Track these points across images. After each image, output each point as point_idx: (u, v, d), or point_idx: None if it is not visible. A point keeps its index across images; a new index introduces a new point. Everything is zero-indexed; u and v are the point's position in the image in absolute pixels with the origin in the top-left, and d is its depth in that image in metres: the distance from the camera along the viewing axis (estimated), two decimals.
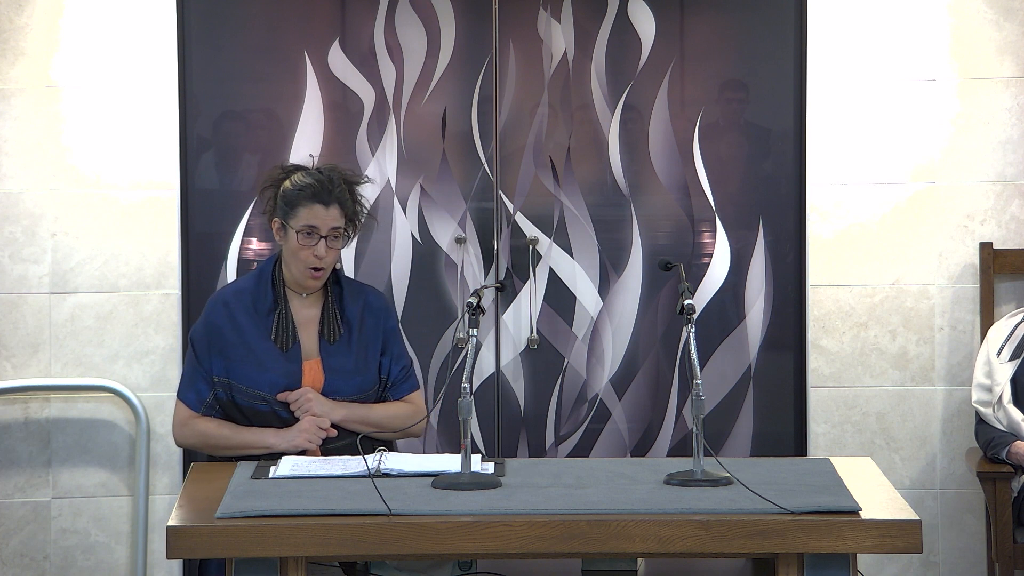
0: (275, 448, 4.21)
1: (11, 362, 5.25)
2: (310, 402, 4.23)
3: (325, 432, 4.22)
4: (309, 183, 4.26)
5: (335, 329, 4.32)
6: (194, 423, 4.28)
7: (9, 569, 5.26)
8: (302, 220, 4.23)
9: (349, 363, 4.30)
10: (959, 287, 5.27)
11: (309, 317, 4.33)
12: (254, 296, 4.31)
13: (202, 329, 4.31)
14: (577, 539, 3.51)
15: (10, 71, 5.20)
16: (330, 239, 4.24)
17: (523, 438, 5.41)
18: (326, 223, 4.24)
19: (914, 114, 5.26)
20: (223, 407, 4.28)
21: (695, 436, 3.77)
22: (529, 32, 5.36)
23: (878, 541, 3.50)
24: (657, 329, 5.41)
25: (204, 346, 4.28)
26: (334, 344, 4.31)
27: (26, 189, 5.23)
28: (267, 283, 4.32)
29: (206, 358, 4.27)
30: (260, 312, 4.29)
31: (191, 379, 4.30)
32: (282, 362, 4.26)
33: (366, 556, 3.65)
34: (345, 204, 4.27)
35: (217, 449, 4.27)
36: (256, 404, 4.25)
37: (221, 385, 4.27)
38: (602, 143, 5.38)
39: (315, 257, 4.24)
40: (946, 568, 5.30)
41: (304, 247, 4.24)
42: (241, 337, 4.27)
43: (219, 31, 5.34)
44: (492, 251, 5.37)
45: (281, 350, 4.27)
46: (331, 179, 4.27)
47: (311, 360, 4.29)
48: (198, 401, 4.28)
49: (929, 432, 5.30)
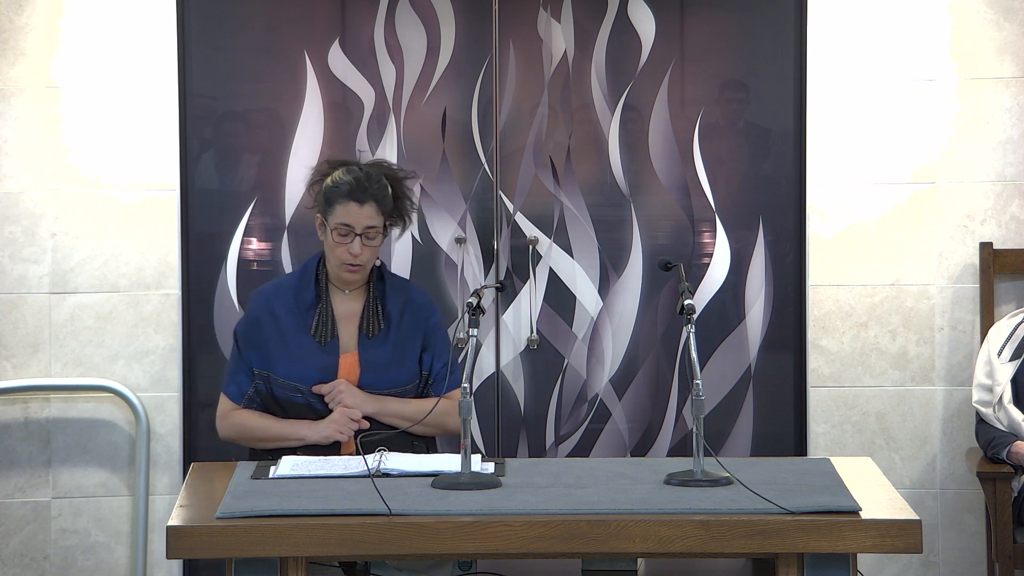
0: (308, 440, 4.26)
1: (11, 362, 5.25)
2: (342, 393, 4.26)
3: (356, 423, 4.24)
4: (346, 180, 4.28)
5: (375, 323, 4.34)
6: (234, 415, 4.35)
7: (9, 569, 5.26)
8: (338, 218, 4.27)
9: (386, 356, 4.32)
10: (959, 287, 5.27)
11: (350, 312, 4.36)
12: (296, 291, 4.36)
13: (244, 323, 4.38)
14: (577, 539, 3.51)
15: (10, 71, 5.20)
16: (365, 237, 4.27)
17: (523, 438, 5.41)
18: (360, 221, 4.26)
19: (914, 114, 5.26)
20: (263, 400, 4.33)
21: (695, 436, 3.77)
22: (529, 32, 5.36)
23: (878, 541, 3.50)
24: (657, 329, 5.41)
25: (245, 340, 4.34)
26: (373, 338, 4.33)
27: (26, 189, 5.23)
28: (310, 278, 4.36)
29: (247, 351, 4.33)
30: (301, 307, 4.34)
31: (233, 372, 4.37)
32: (319, 355, 4.30)
33: (366, 556, 3.65)
34: (382, 202, 4.29)
35: (255, 441, 4.33)
36: (292, 396, 4.29)
37: (260, 378, 4.32)
38: (602, 143, 5.38)
39: (349, 255, 4.27)
40: (946, 568, 5.30)
41: (339, 244, 4.27)
42: (280, 331, 4.32)
43: (219, 31, 5.34)
44: (492, 251, 5.37)
45: (320, 344, 4.30)
46: (369, 176, 4.29)
47: (349, 354, 4.32)
48: (239, 394, 4.34)
49: (929, 432, 5.30)
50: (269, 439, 4.30)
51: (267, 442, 4.30)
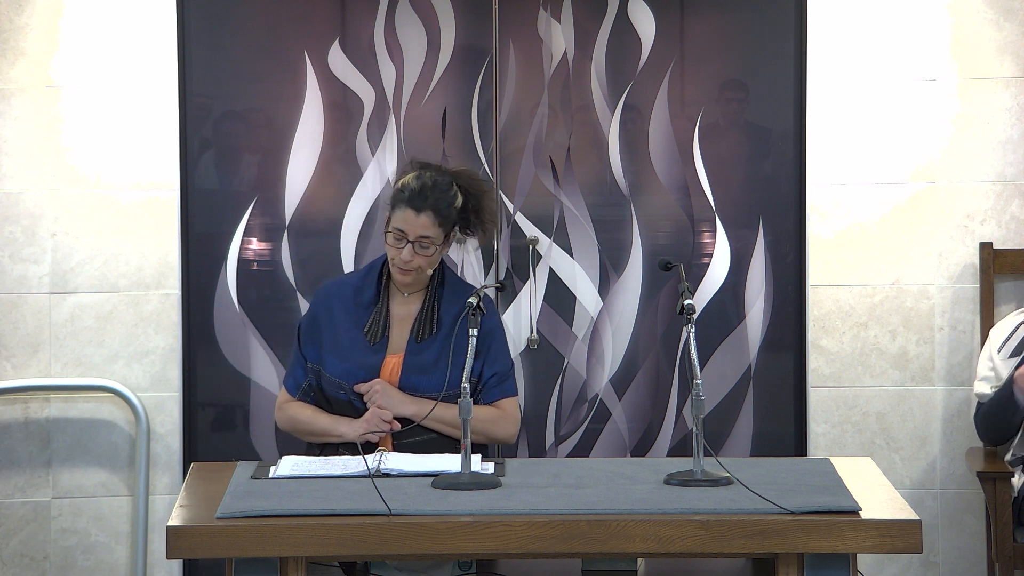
0: (347, 437, 4.30)
1: (11, 362, 5.25)
2: (377, 393, 4.28)
3: (387, 424, 4.25)
4: (411, 187, 4.29)
5: (426, 327, 4.35)
6: (287, 407, 4.41)
7: (9, 569, 5.26)
8: (395, 222, 4.29)
9: (430, 360, 4.32)
10: (959, 287, 5.27)
11: (406, 314, 4.38)
12: (357, 289, 4.39)
13: (306, 318, 4.44)
14: (577, 539, 3.51)
15: (10, 71, 5.20)
16: (418, 246, 4.27)
17: (523, 438, 5.41)
18: (415, 230, 4.27)
19: (914, 114, 5.26)
20: (315, 394, 4.38)
21: (695, 436, 3.77)
22: (529, 32, 5.36)
23: (878, 541, 3.50)
24: (657, 329, 5.41)
25: (305, 334, 4.40)
26: (421, 342, 4.34)
27: (26, 189, 5.23)
28: (373, 277, 4.39)
29: (305, 346, 4.39)
30: (360, 305, 4.37)
31: (292, 365, 4.43)
32: (365, 354, 4.33)
33: (366, 556, 3.65)
34: (442, 212, 4.28)
35: (303, 434, 4.39)
36: (337, 393, 4.33)
37: (313, 372, 4.36)
38: (602, 143, 5.38)
39: (400, 259, 4.28)
40: (946, 568, 5.30)
41: (392, 247, 4.30)
42: (334, 327, 4.35)
43: (219, 31, 5.34)
44: (492, 251, 5.37)
45: (369, 343, 4.32)
46: (436, 185, 4.29)
47: (395, 355, 4.34)
48: (295, 386, 4.40)
49: (929, 432, 5.30)
50: (315, 433, 4.35)
51: (313, 436, 4.36)
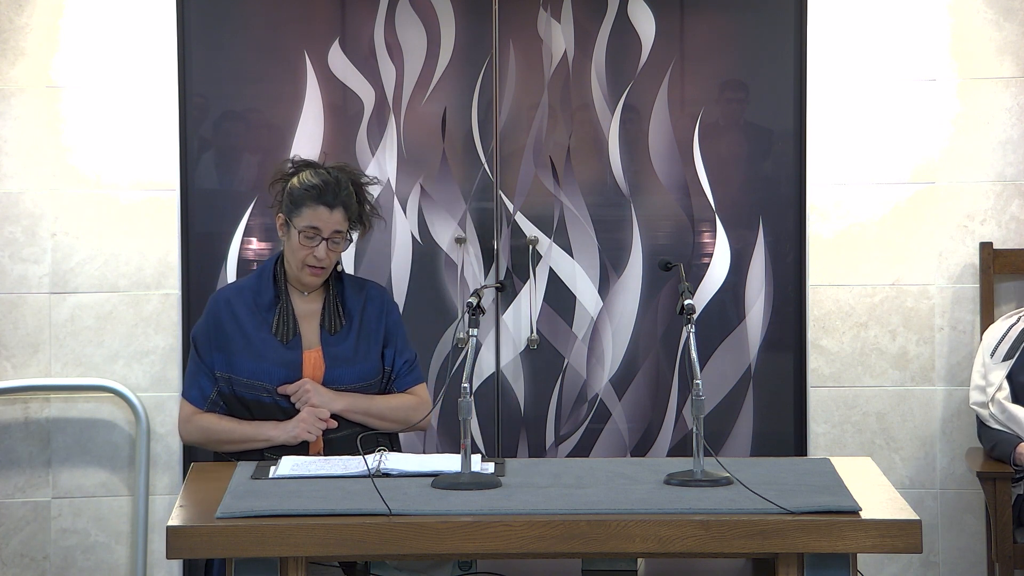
0: (276, 440, 4.21)
1: (11, 362, 5.25)
2: (308, 392, 4.22)
3: (325, 423, 4.22)
4: (315, 184, 4.25)
5: (336, 320, 4.32)
6: (197, 419, 4.29)
7: (9, 569, 5.26)
8: (305, 220, 4.23)
9: (349, 351, 4.30)
10: (959, 287, 5.27)
11: (310, 311, 4.33)
12: (255, 292, 4.32)
13: (203, 326, 4.32)
14: (577, 539, 3.51)
15: (10, 71, 5.21)
16: (331, 242, 4.25)
17: (523, 438, 5.41)
18: (329, 226, 4.24)
19: (914, 114, 5.26)
20: (227, 403, 4.28)
21: (695, 436, 3.77)
22: (529, 32, 5.36)
23: (878, 541, 3.50)
24: (657, 329, 5.41)
25: (205, 343, 4.29)
26: (335, 334, 4.31)
27: (26, 189, 5.23)
28: (268, 279, 4.33)
29: (208, 355, 4.28)
30: (261, 307, 4.30)
31: (194, 376, 4.30)
32: (282, 352, 4.27)
33: (366, 556, 3.65)
34: (350, 207, 4.26)
35: (220, 444, 4.27)
36: (260, 396, 4.25)
37: (223, 380, 4.27)
38: (602, 143, 5.39)
39: (314, 258, 4.24)
40: (946, 568, 5.30)
41: (304, 247, 4.24)
42: (241, 331, 4.27)
43: (219, 31, 5.34)
44: (492, 251, 5.37)
45: (281, 342, 4.28)
46: (338, 181, 4.26)
47: (312, 350, 4.29)
48: (201, 398, 4.28)
49: (929, 432, 5.30)
50: (235, 441, 4.25)
51: (233, 444, 4.25)
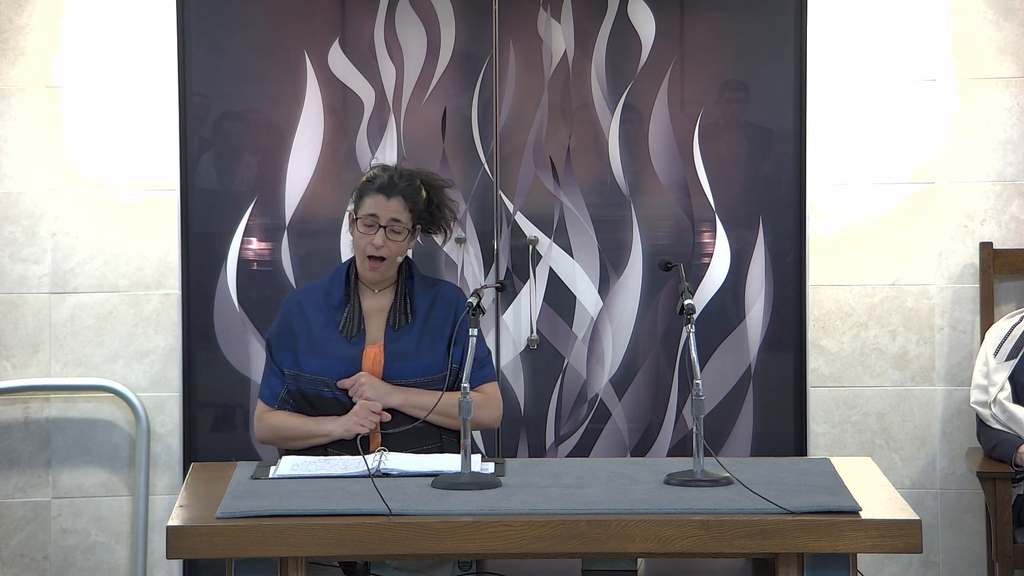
0: (334, 435, 4.28)
1: (11, 362, 5.25)
2: (363, 386, 4.28)
3: (378, 415, 4.25)
4: (376, 175, 4.37)
5: (402, 316, 4.38)
6: (267, 417, 4.38)
7: (9, 569, 5.26)
8: (365, 209, 4.33)
9: (411, 346, 4.34)
10: (959, 287, 5.27)
11: (379, 308, 4.40)
12: (326, 291, 4.41)
13: (275, 327, 4.42)
14: (577, 539, 3.51)
15: (10, 71, 5.21)
16: (390, 231, 4.31)
17: (523, 438, 5.41)
18: (386, 213, 4.31)
19: (914, 114, 5.26)
20: (295, 400, 4.36)
21: (695, 436, 3.77)
22: (529, 32, 5.36)
23: (878, 541, 3.50)
24: (657, 329, 5.41)
25: (277, 343, 4.39)
26: (399, 330, 4.36)
27: (26, 189, 5.23)
28: (340, 279, 4.41)
29: (278, 354, 4.37)
30: (331, 306, 4.38)
31: (267, 376, 4.41)
32: (344, 348, 4.33)
33: (366, 556, 3.65)
34: (411, 199, 4.33)
35: (286, 441, 4.35)
36: (322, 391, 4.32)
37: (291, 378, 4.35)
38: (602, 143, 5.38)
39: (372, 246, 4.31)
40: (946, 568, 5.30)
41: (364, 235, 4.32)
42: (308, 329, 4.36)
43: (219, 31, 5.34)
44: (492, 251, 5.37)
45: (346, 338, 4.33)
46: (402, 175, 4.37)
47: (374, 345, 4.35)
48: (272, 396, 4.37)
49: (929, 432, 5.30)
50: (298, 437, 4.32)
51: (297, 441, 4.33)
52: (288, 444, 4.35)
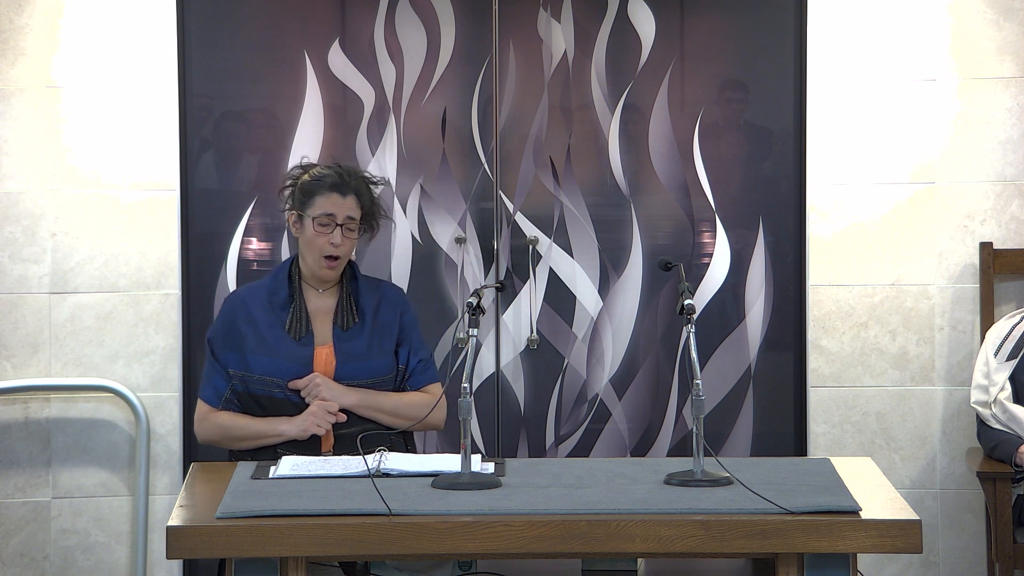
0: (287, 435, 4.28)
1: (11, 362, 5.25)
2: (319, 387, 4.29)
3: (334, 416, 4.28)
4: (327, 174, 4.38)
5: (349, 317, 4.40)
6: (212, 417, 4.36)
7: (9, 569, 5.26)
8: (319, 208, 4.33)
9: (362, 347, 4.36)
10: (959, 287, 5.27)
11: (324, 308, 4.41)
12: (270, 291, 4.41)
13: (218, 327, 4.41)
14: (577, 539, 3.51)
15: (10, 71, 5.20)
16: (346, 228, 4.34)
17: (523, 438, 5.41)
18: (342, 211, 4.33)
19: (914, 114, 5.26)
20: (241, 401, 4.35)
21: (695, 436, 3.77)
22: (529, 32, 5.36)
23: (878, 541, 3.50)
24: (657, 329, 5.41)
25: (220, 343, 4.37)
26: (347, 331, 4.37)
27: (26, 189, 5.23)
28: (283, 279, 4.41)
29: (222, 354, 4.36)
30: (275, 306, 4.38)
31: (209, 376, 4.39)
32: (295, 348, 4.33)
33: (366, 556, 3.65)
34: (362, 197, 4.38)
35: (235, 441, 4.34)
36: (272, 392, 4.32)
37: (237, 378, 4.34)
38: (602, 143, 5.39)
39: (331, 245, 4.33)
40: (946, 568, 5.30)
41: (320, 235, 4.32)
42: (255, 329, 4.35)
43: (219, 31, 5.34)
44: (492, 251, 5.37)
45: (294, 339, 4.33)
46: (349, 172, 4.40)
47: (324, 346, 4.36)
48: (216, 396, 4.36)
49: (929, 432, 5.30)
50: (248, 437, 4.32)
51: (247, 441, 4.32)
52: (237, 444, 4.34)
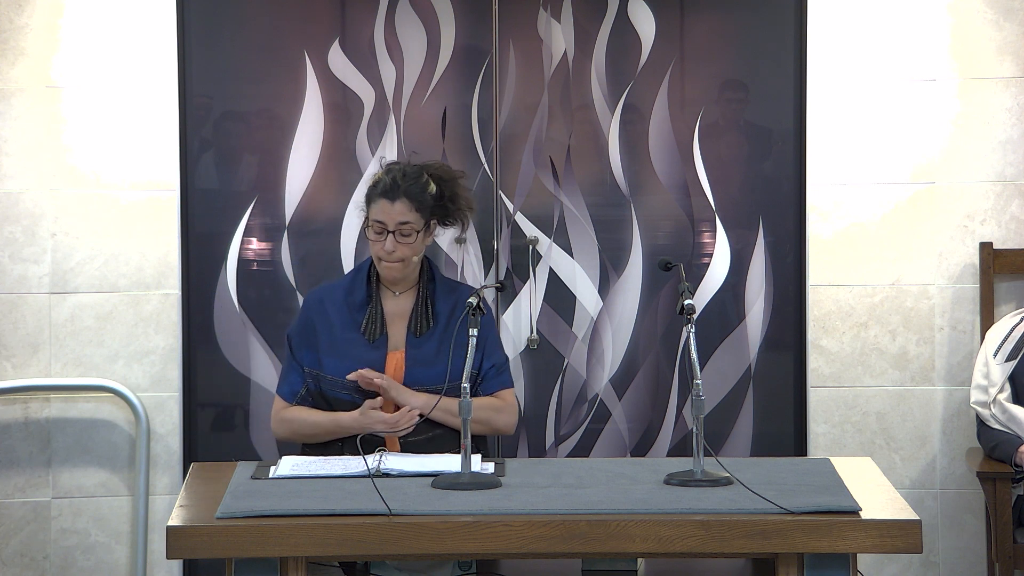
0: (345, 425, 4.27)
1: (11, 362, 5.25)
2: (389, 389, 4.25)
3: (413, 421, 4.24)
4: (379, 179, 4.37)
5: (423, 322, 4.39)
6: (284, 413, 4.40)
7: (9, 569, 5.26)
8: (372, 215, 4.34)
9: (431, 353, 4.35)
10: (959, 287, 5.27)
11: (400, 311, 4.41)
12: (348, 291, 4.42)
13: (296, 325, 4.44)
14: (577, 539, 3.51)
15: (10, 71, 5.20)
16: (399, 234, 4.32)
17: (523, 438, 5.41)
18: (392, 218, 4.31)
19: (914, 114, 5.26)
20: (314, 399, 4.38)
21: (695, 436, 3.77)
22: (529, 32, 5.36)
23: (878, 541, 3.50)
24: (657, 329, 5.41)
25: (298, 340, 4.40)
26: (420, 336, 4.36)
27: (26, 189, 5.23)
28: (362, 279, 4.42)
29: (299, 352, 4.39)
30: (352, 306, 4.39)
31: (286, 373, 4.43)
32: (367, 352, 4.35)
33: (366, 556, 3.65)
34: (416, 198, 4.32)
35: (304, 436, 4.37)
36: (340, 393, 4.34)
37: (311, 376, 4.37)
38: (602, 143, 5.38)
39: (384, 251, 4.32)
40: (946, 568, 5.30)
41: (375, 241, 4.34)
42: (330, 329, 4.37)
43: (219, 31, 5.34)
44: (492, 251, 5.37)
45: (368, 341, 4.34)
46: (405, 175, 4.35)
47: (396, 351, 4.37)
48: (291, 393, 4.40)
49: (929, 432, 5.30)
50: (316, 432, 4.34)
51: (314, 435, 4.35)
52: (306, 439, 4.38)
